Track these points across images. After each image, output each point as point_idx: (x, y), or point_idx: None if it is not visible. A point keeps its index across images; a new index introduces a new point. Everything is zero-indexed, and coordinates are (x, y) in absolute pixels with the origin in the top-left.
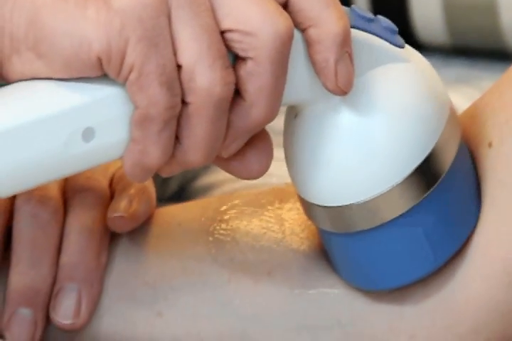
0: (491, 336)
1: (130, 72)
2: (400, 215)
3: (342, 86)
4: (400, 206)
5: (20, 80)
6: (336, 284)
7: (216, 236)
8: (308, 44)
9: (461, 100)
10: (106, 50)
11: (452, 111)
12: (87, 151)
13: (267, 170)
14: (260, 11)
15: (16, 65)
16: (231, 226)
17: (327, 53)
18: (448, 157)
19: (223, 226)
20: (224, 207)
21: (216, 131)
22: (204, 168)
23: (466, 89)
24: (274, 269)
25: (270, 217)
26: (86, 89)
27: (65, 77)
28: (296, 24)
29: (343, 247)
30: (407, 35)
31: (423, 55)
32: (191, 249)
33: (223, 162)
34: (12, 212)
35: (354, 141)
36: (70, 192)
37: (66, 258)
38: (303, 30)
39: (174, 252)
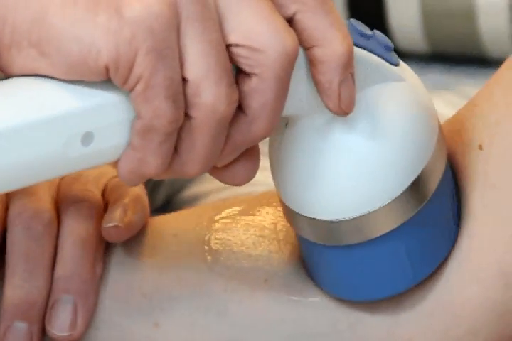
0: (488, 337)
1: (137, 82)
2: (385, 233)
3: (344, 107)
4: (387, 225)
5: (19, 75)
6: None
7: (211, 245)
8: (311, 63)
9: (442, 105)
10: (114, 59)
11: (440, 131)
12: (84, 154)
13: (252, 178)
14: (269, 27)
15: (16, 59)
16: (226, 235)
17: (331, 75)
18: (435, 178)
19: (218, 235)
20: (218, 216)
21: (215, 145)
22: (190, 179)
23: (445, 95)
24: (271, 277)
25: (265, 224)
26: (88, 93)
27: (67, 78)
28: (300, 42)
29: (324, 257)
30: None
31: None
32: (187, 259)
33: (211, 169)
34: (5, 225)
35: (348, 158)
36: (63, 203)
37: (61, 270)
38: (306, 49)
39: (170, 262)
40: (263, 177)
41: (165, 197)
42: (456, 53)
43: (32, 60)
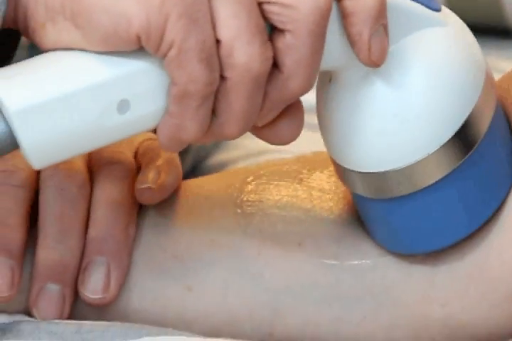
0: None
1: (170, 48)
2: (437, 181)
3: (375, 59)
4: (437, 172)
5: (53, 49)
6: (368, 254)
7: (244, 208)
8: (343, 15)
9: None
10: (145, 27)
11: (488, 74)
12: (121, 123)
13: (298, 136)
14: None
15: (51, 33)
16: (259, 197)
17: (361, 26)
18: (484, 121)
19: (251, 197)
20: (251, 178)
21: (253, 104)
22: (216, 146)
23: None
24: (305, 240)
25: (298, 186)
26: (121, 61)
27: (101, 50)
28: None
29: (379, 212)
30: None
31: None
32: (219, 221)
33: (255, 129)
34: (38, 187)
35: (391, 108)
36: (95, 165)
37: (94, 232)
38: (338, 1)
39: (202, 225)
40: (291, 145)
41: (191, 165)
42: (479, 24)
43: (67, 33)
